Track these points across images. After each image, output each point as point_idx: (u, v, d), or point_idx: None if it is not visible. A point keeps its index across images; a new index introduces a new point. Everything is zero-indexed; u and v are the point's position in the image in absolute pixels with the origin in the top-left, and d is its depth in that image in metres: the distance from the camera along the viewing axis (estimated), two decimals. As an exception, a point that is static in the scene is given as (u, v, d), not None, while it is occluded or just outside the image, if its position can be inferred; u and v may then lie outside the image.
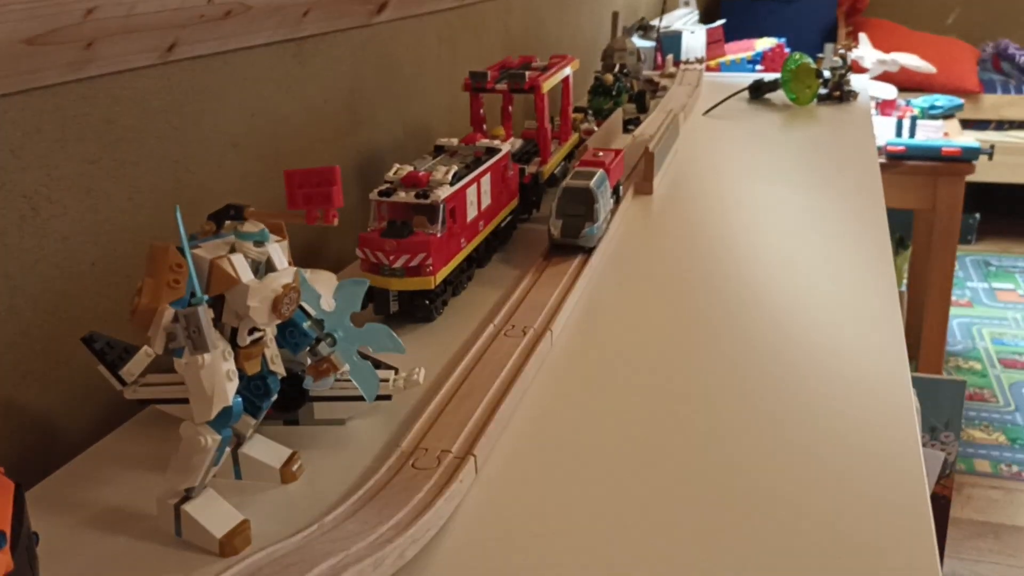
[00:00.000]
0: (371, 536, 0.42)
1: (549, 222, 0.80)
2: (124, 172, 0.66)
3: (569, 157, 1.10)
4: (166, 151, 0.70)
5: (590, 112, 1.27)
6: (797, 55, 1.47)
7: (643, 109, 1.42)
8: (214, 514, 0.46)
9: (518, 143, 1.00)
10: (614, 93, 1.30)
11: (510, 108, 1.02)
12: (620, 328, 0.70)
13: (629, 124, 1.34)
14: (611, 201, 0.86)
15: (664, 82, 1.62)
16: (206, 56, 0.75)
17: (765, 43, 2.20)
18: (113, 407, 0.61)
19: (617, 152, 0.90)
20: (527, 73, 0.93)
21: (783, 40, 2.26)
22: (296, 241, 0.89)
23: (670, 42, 1.89)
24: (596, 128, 1.16)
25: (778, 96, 1.54)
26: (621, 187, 0.93)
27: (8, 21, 0.54)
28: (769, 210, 0.97)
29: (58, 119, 0.61)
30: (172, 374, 0.54)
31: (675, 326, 0.70)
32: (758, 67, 2.14)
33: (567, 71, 1.02)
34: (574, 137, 1.11)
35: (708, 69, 1.95)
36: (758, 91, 1.54)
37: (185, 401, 0.45)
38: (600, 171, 0.83)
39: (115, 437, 0.58)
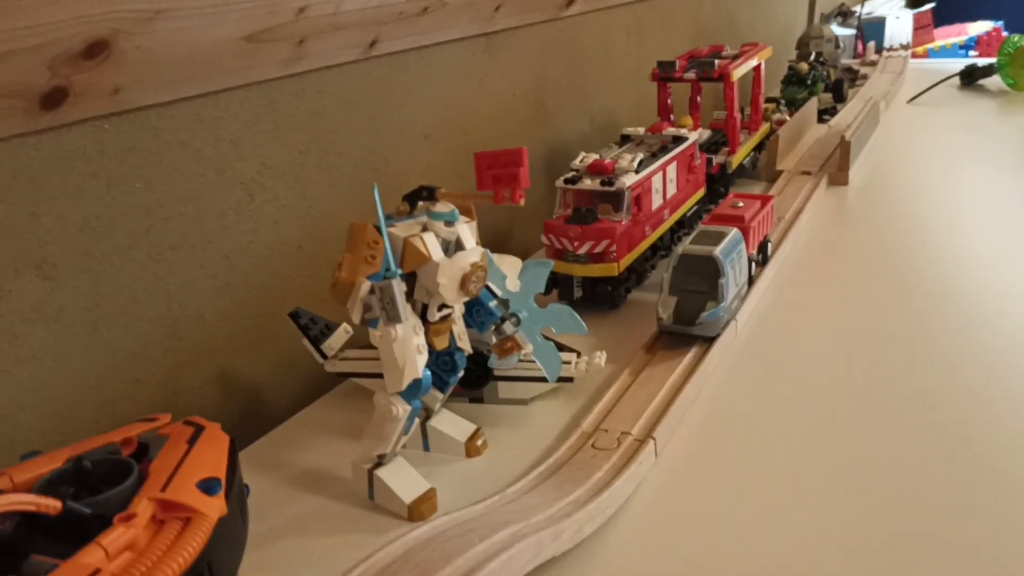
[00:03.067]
0: (550, 509, 0.43)
1: (659, 299, 0.63)
2: (328, 161, 0.71)
3: (760, 147, 1.07)
4: (365, 142, 0.75)
5: (783, 102, 1.23)
6: (1016, 37, 1.35)
7: (840, 99, 1.36)
8: (404, 480, 0.48)
9: (706, 133, 0.99)
10: (809, 82, 1.25)
11: (699, 98, 1.01)
12: (807, 319, 0.68)
13: (824, 114, 1.29)
14: (748, 269, 0.68)
15: (865, 70, 1.54)
16: (404, 51, 0.78)
17: (980, 27, 2.05)
18: (314, 379, 0.65)
19: (764, 201, 0.73)
20: (716, 61, 0.91)
21: (1000, 23, 2.09)
22: (484, 229, 0.92)
23: (872, 29, 1.80)
24: (788, 118, 1.12)
25: (994, 82, 1.43)
26: (769, 244, 0.76)
27: (230, 20, 0.59)
28: (976, 201, 0.90)
29: (272, 112, 0.66)
30: (368, 349, 0.57)
31: (867, 319, 0.67)
32: (971, 52, 1.99)
33: (758, 59, 0.99)
34: (764, 127, 1.08)
35: (915, 56, 1.84)
36: (970, 77, 1.44)
37: (379, 375, 0.48)
38: (734, 231, 0.65)
39: (316, 407, 0.62)
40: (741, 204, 0.70)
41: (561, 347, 0.59)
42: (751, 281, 0.68)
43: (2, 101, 0.48)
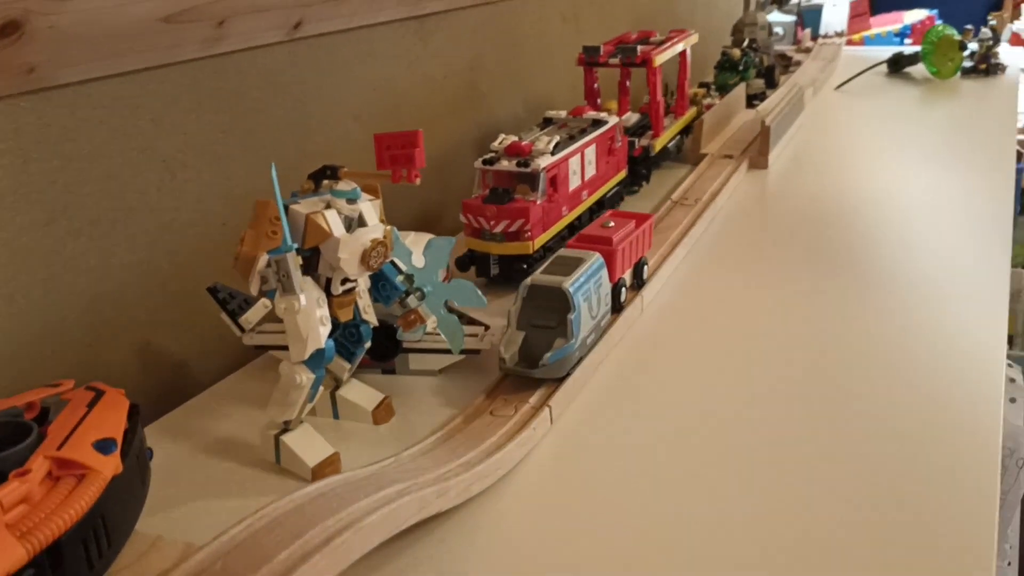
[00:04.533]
0: (440, 470, 0.45)
1: (504, 335, 0.56)
2: (252, 141, 0.73)
3: (686, 131, 1.10)
4: (291, 122, 0.76)
5: (713, 87, 1.26)
6: (940, 26, 1.40)
7: (772, 84, 1.39)
8: (308, 445, 0.51)
9: (634, 117, 1.02)
10: (740, 68, 1.29)
11: (627, 83, 1.04)
12: (718, 296, 0.71)
13: (755, 99, 1.32)
14: (616, 296, 0.64)
15: (799, 57, 1.58)
16: (331, 33, 0.80)
17: (915, 15, 2.10)
18: (236, 353, 0.67)
19: (641, 220, 0.68)
20: (639, 47, 0.94)
21: (935, 12, 2.14)
22: (416, 209, 0.94)
23: (811, 16, 1.84)
24: (718, 103, 1.16)
25: (919, 70, 1.47)
26: (646, 267, 0.69)
27: (147, 0, 0.61)
28: (891, 186, 0.94)
29: (194, 91, 0.67)
30: (281, 323, 0.59)
31: (778, 293, 0.70)
32: (907, 40, 2.05)
33: (682, 46, 1.02)
34: (691, 111, 1.12)
35: (851, 43, 1.88)
36: (897, 65, 1.48)
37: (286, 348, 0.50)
38: (595, 257, 0.59)
39: (234, 378, 0.64)
40: (612, 224, 0.65)
41: (471, 321, 0.61)
42: (620, 307, 0.64)
43: (-87, 78, 0.49)
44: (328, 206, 0.50)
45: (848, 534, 0.43)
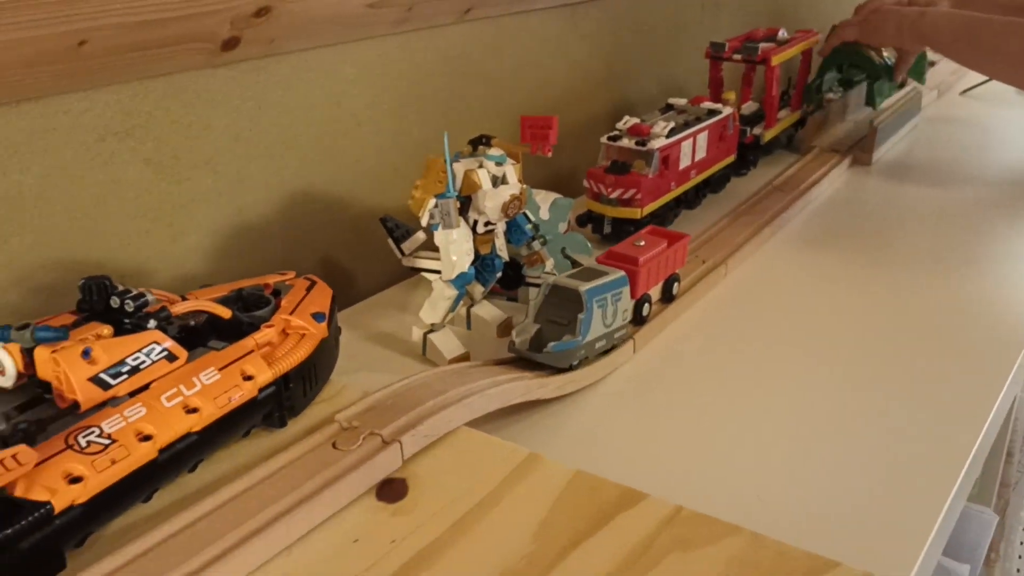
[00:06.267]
0: (543, 372, 0.61)
1: (520, 324, 0.63)
2: (422, 104, 0.90)
3: (800, 124, 1.21)
4: (455, 91, 0.93)
5: (836, 84, 1.35)
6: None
7: (900, 85, 1.47)
8: (447, 344, 0.68)
9: (753, 107, 1.14)
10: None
11: (751, 75, 1.15)
12: (797, 273, 0.84)
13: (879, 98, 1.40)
14: (639, 311, 0.69)
15: (934, 57, 1.64)
16: (494, 17, 0.96)
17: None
18: (393, 271, 0.85)
19: (674, 239, 0.72)
20: (761, 46, 1.06)
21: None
22: (552, 173, 1.09)
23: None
24: (836, 99, 1.26)
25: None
26: (677, 284, 0.74)
27: (359, -6, 0.78)
28: (999, 194, 1.03)
29: (382, 61, 0.85)
30: (434, 251, 0.76)
31: (851, 277, 0.82)
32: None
33: (801, 48, 1.13)
34: (807, 105, 1.22)
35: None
36: (1029, 75, 1.52)
37: (437, 271, 0.67)
38: (619, 274, 0.63)
39: (391, 291, 0.82)
40: (643, 243, 0.70)
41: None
42: (643, 321, 0.70)
43: (197, 44, 0.68)
44: (480, 166, 0.66)
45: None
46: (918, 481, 0.53)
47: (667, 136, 0.88)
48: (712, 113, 0.96)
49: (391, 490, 0.48)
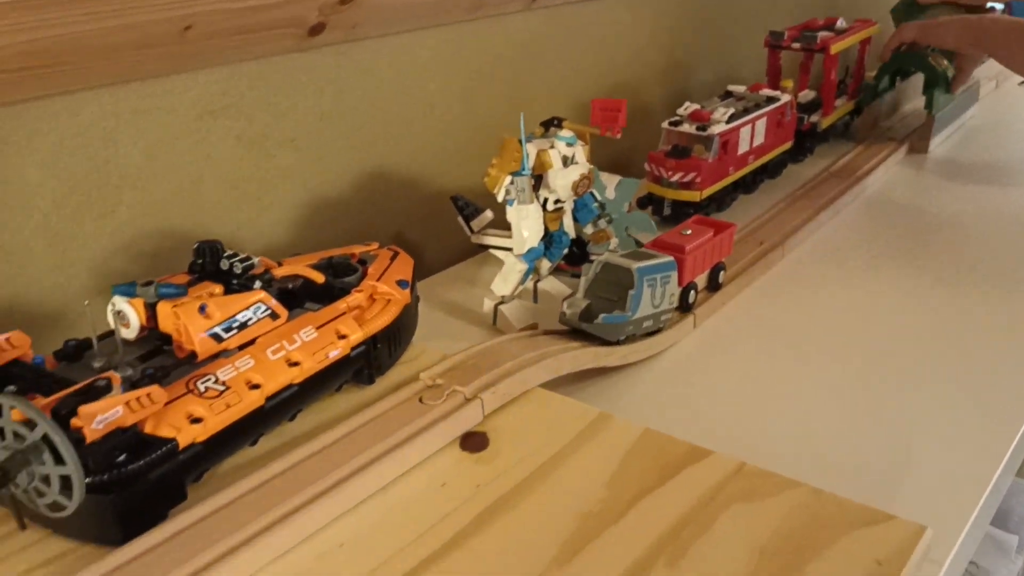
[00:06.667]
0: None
1: (569, 299, 0.65)
2: (492, 88, 0.93)
3: (858, 112, 1.22)
4: (518, 75, 0.97)
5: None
6: None
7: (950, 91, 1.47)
8: (517, 315, 0.72)
9: (811, 95, 1.16)
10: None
11: (809, 64, 1.17)
12: (848, 253, 0.86)
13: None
14: (685, 298, 0.70)
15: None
16: (559, 4, 0.99)
17: None
18: (461, 248, 0.89)
19: (720, 229, 0.73)
20: (820, 35, 1.07)
21: None
22: (613, 155, 1.12)
23: (1019, 8, 1.86)
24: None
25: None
26: (722, 272, 0.75)
27: (436, -18, 0.82)
28: (1036, 180, 1.04)
29: (454, 46, 0.88)
30: (502, 230, 0.80)
31: (904, 266, 0.85)
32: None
33: (859, 37, 1.15)
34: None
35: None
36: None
37: (508, 249, 0.71)
38: (669, 259, 0.65)
39: (459, 266, 0.86)
40: (689, 232, 0.71)
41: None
42: (689, 308, 0.71)
43: (288, 29, 0.72)
44: (552, 146, 0.70)
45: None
46: (971, 448, 0.55)
47: (727, 122, 0.91)
48: (770, 100, 0.99)
49: (473, 442, 0.52)
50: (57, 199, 0.63)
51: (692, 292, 0.71)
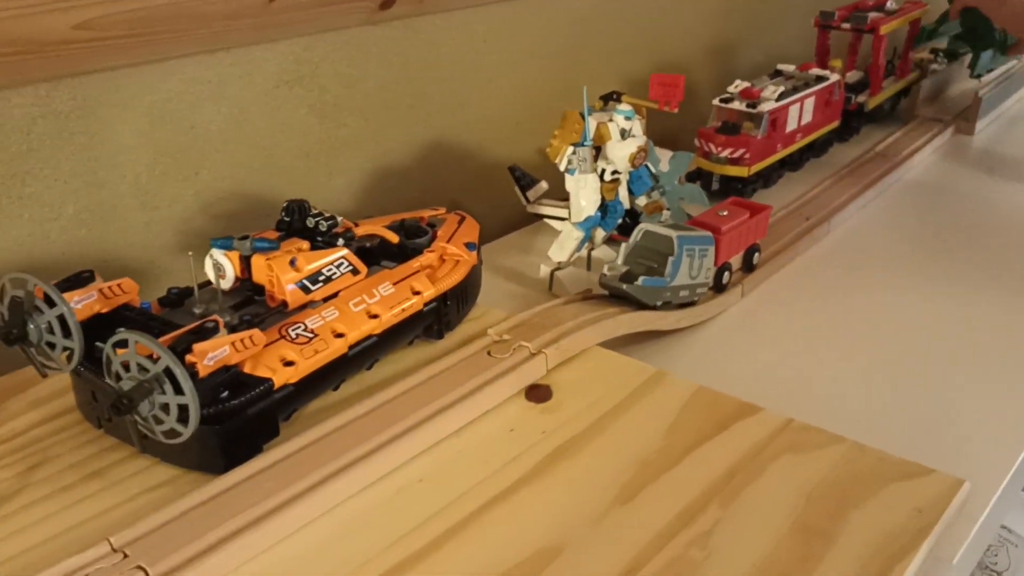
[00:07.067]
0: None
1: (610, 263, 0.67)
2: (547, 63, 0.97)
3: (905, 92, 1.24)
4: (572, 51, 1.00)
5: (941, 54, 1.37)
6: None
7: (1005, 54, 1.47)
8: (572, 281, 0.75)
9: (858, 75, 1.17)
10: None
11: (858, 45, 1.19)
12: (892, 230, 0.89)
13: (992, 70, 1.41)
14: (719, 277, 0.71)
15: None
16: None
17: None
18: (517, 217, 0.92)
19: (756, 210, 0.74)
20: (870, 16, 1.09)
21: None
22: (664, 130, 1.14)
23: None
24: (942, 69, 1.28)
25: None
26: (757, 254, 0.76)
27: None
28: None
29: (513, 23, 0.92)
30: (557, 200, 0.83)
31: (944, 244, 0.87)
32: None
33: (909, 18, 1.16)
34: (914, 75, 1.25)
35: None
36: None
37: (562, 218, 0.75)
38: (707, 234, 0.68)
39: (514, 235, 0.89)
40: (726, 213, 0.72)
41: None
42: (723, 288, 0.72)
43: (361, 3, 0.76)
44: (611, 119, 0.73)
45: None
46: (1010, 413, 0.58)
47: (776, 100, 0.93)
48: (819, 79, 1.01)
49: (538, 393, 0.56)
50: (148, 161, 0.68)
51: (727, 273, 0.73)
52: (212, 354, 0.45)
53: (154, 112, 0.67)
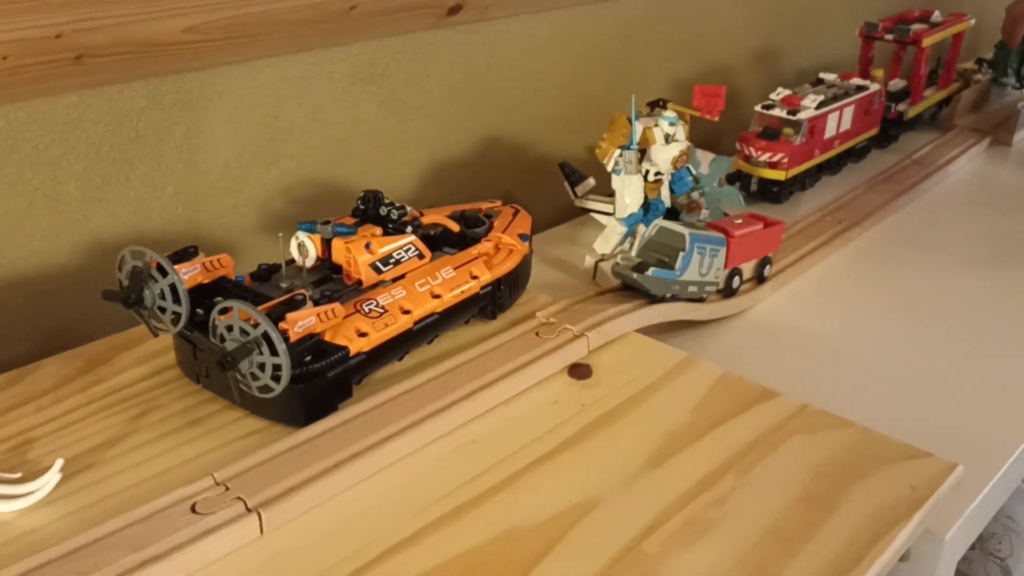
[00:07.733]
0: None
1: (622, 254, 0.71)
2: (598, 66, 1.03)
3: (947, 102, 1.28)
4: (622, 56, 1.05)
5: (985, 64, 1.40)
6: None
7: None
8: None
9: (900, 84, 1.21)
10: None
11: (901, 55, 1.23)
12: (923, 237, 0.93)
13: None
14: (728, 281, 0.74)
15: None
16: (667, -9, 1.08)
17: None
18: (565, 211, 0.98)
19: (770, 224, 0.77)
20: (913, 28, 1.13)
21: None
22: (706, 133, 1.20)
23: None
24: (984, 80, 1.32)
25: None
26: (769, 266, 0.79)
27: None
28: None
29: (569, 29, 0.98)
30: (603, 195, 0.89)
31: (973, 252, 0.92)
32: None
33: (951, 31, 1.20)
34: (955, 85, 1.29)
35: None
36: None
37: (607, 213, 0.81)
38: (720, 235, 0.71)
39: (564, 226, 0.96)
40: (740, 221, 0.75)
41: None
42: (732, 293, 0.75)
43: (430, 9, 0.82)
44: (656, 124, 0.79)
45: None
46: (1013, 407, 0.64)
47: (816, 108, 0.98)
48: (860, 89, 1.06)
49: (580, 371, 0.62)
50: (236, 150, 0.75)
51: (737, 278, 0.76)
52: (302, 322, 0.52)
53: (243, 105, 0.74)
